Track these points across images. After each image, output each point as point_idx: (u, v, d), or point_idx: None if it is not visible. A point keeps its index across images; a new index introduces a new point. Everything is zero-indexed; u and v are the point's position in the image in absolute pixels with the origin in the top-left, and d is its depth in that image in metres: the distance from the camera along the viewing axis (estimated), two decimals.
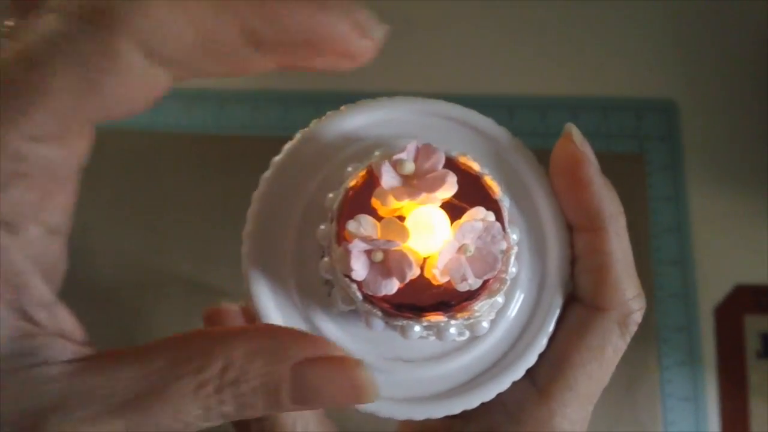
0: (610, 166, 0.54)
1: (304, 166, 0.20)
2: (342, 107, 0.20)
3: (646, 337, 0.49)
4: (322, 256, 0.19)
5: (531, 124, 0.53)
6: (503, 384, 0.19)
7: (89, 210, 0.51)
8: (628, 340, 0.19)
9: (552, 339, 0.19)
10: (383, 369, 0.19)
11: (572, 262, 0.20)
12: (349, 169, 0.19)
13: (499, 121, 0.21)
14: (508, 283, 0.18)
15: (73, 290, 0.52)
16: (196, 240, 0.51)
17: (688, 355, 0.49)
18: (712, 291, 0.50)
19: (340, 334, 0.19)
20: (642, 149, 0.53)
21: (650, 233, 0.51)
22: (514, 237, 0.19)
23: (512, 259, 0.18)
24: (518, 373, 0.19)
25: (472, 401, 0.19)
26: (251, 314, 0.19)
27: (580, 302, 0.20)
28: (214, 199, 0.52)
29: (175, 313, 0.49)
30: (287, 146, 0.20)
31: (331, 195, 0.19)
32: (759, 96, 0.55)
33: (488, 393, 0.19)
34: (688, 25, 0.57)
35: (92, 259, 0.50)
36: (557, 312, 0.20)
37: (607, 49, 0.56)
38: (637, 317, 0.19)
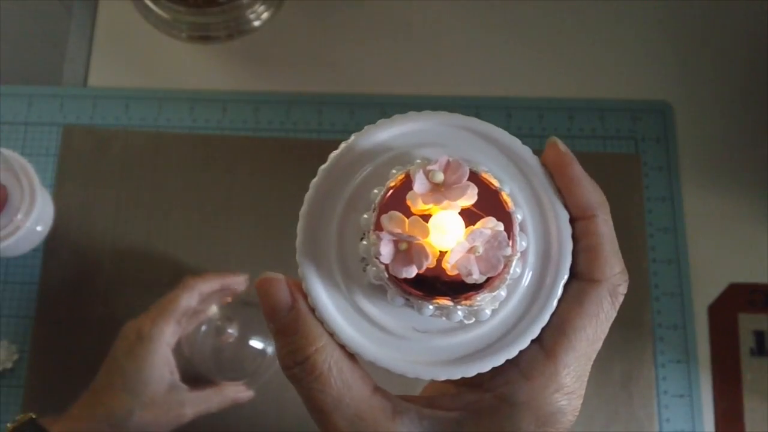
0: (606, 166, 0.55)
1: (347, 168, 0.23)
2: (379, 121, 0.24)
3: (641, 334, 0.50)
4: (362, 239, 0.22)
5: (529, 125, 0.54)
6: (512, 352, 0.22)
7: (91, 210, 0.52)
8: (617, 308, 0.23)
9: (554, 309, 0.23)
10: (402, 336, 0.23)
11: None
12: (394, 171, 0.22)
13: (498, 123, 0.24)
14: (509, 281, 0.21)
15: (76, 288, 0.53)
16: (200, 238, 0.51)
17: (683, 353, 0.50)
18: (706, 290, 0.51)
19: (369, 305, 0.23)
20: (638, 150, 0.54)
21: (646, 233, 0.52)
22: (523, 243, 0.22)
23: (514, 262, 0.21)
24: (524, 343, 0.22)
25: (484, 366, 0.22)
26: (294, 283, 0.23)
27: (576, 278, 0.23)
28: (217, 197, 0.52)
29: None
30: (332, 154, 0.24)
31: (375, 190, 0.22)
32: (751, 98, 0.55)
33: (499, 359, 0.22)
34: (682, 29, 0.57)
35: (95, 257, 0.51)
36: (559, 293, 0.23)
37: (604, 52, 0.57)
38: (623, 289, 0.23)
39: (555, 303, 0.23)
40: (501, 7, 0.58)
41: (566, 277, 0.23)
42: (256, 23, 0.56)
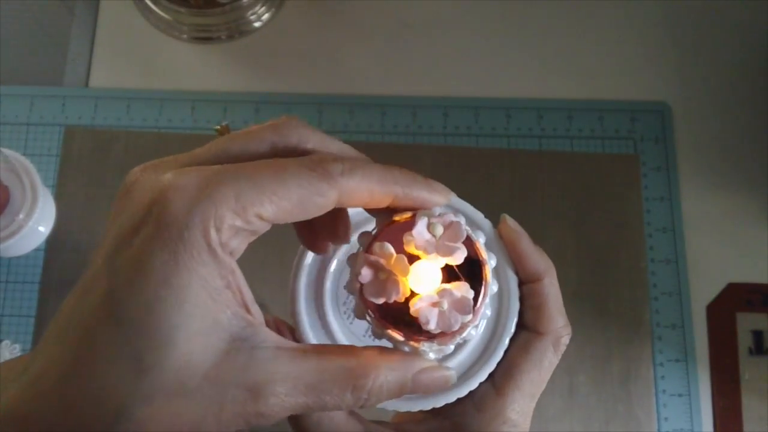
0: (605, 166, 0.56)
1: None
2: None
3: (640, 334, 0.50)
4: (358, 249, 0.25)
5: (528, 125, 0.54)
6: (473, 384, 0.26)
7: (93, 210, 0.52)
8: (560, 355, 0.27)
9: (506, 353, 0.27)
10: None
11: (521, 301, 0.27)
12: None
13: (497, 124, 0.24)
14: (457, 341, 0.24)
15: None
16: None
17: (681, 352, 0.50)
18: (704, 289, 0.51)
19: (339, 326, 0.27)
20: (636, 150, 0.54)
21: (645, 233, 0.52)
22: (487, 312, 0.25)
23: (470, 327, 0.24)
24: (483, 376, 0.26)
25: (450, 397, 0.26)
26: (280, 321, 0.26)
27: (525, 328, 0.27)
28: None
29: None
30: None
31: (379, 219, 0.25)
32: (750, 99, 0.55)
33: (462, 391, 0.26)
34: (680, 30, 0.57)
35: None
36: (510, 335, 0.27)
37: (603, 53, 0.57)
38: (566, 339, 0.27)
39: (506, 344, 0.27)
40: (500, 8, 0.58)
41: (512, 330, 0.27)
42: (257, 24, 0.57)
